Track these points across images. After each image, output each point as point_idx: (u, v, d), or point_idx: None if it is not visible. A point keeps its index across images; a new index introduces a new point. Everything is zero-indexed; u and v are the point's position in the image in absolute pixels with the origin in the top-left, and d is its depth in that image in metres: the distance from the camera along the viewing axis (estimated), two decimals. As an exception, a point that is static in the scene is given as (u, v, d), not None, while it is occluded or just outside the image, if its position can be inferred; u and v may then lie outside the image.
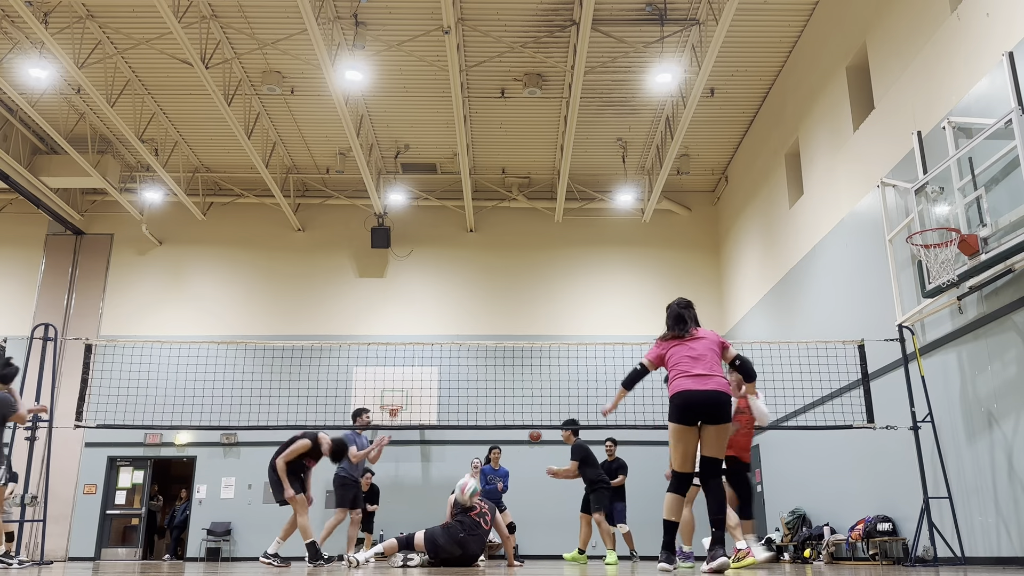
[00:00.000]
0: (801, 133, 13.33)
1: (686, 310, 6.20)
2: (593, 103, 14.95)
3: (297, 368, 16.83)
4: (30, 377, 11.22)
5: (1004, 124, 7.30)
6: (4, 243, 18.04)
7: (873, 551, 10.14)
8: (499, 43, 13.01)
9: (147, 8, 12.25)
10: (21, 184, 15.76)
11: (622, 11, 12.45)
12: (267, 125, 15.83)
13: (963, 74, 8.53)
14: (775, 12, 12.59)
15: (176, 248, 18.14)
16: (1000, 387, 7.95)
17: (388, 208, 18.10)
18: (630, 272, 18.06)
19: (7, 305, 17.62)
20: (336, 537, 13.23)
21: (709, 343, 6.03)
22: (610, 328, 17.37)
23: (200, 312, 17.68)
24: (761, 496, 15.09)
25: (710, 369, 5.87)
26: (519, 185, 18.12)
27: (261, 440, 16.69)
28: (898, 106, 9.99)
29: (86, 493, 16.58)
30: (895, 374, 9.93)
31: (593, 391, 15.14)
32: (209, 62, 12.69)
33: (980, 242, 7.67)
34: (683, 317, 6.17)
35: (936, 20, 9.11)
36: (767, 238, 15.01)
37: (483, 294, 17.89)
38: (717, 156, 17.20)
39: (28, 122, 15.66)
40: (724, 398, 5.81)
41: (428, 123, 15.77)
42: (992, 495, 8.05)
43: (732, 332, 17.07)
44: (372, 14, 12.53)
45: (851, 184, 11.44)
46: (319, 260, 18.13)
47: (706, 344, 6.01)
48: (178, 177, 16.86)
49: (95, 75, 13.64)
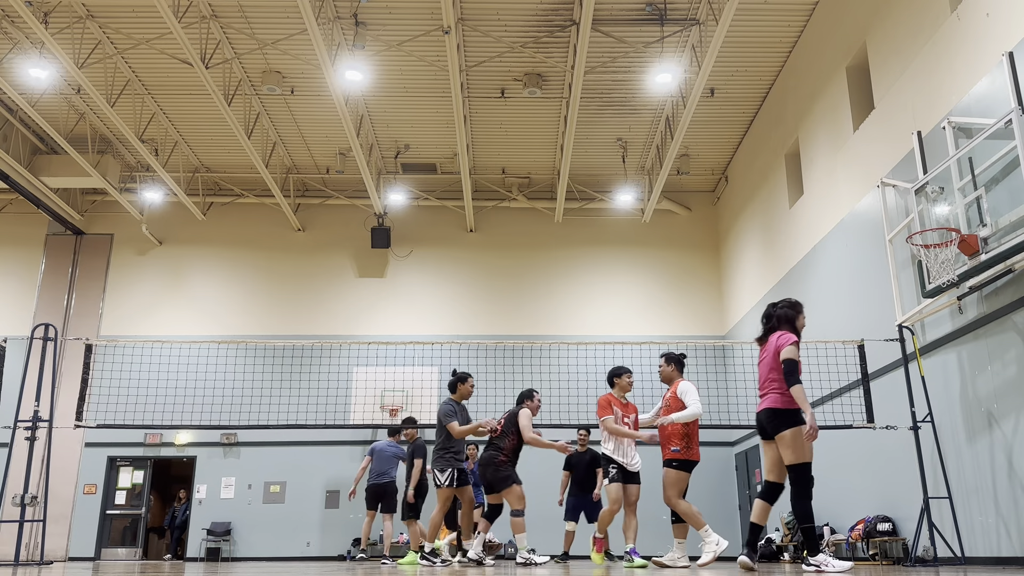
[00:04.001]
0: (801, 133, 13.33)
1: (768, 313, 6.45)
2: (593, 103, 14.95)
3: (297, 368, 16.84)
4: (30, 377, 11.22)
5: (1004, 124, 7.29)
6: (4, 243, 18.05)
7: (873, 551, 10.14)
8: (499, 43, 13.02)
9: (147, 8, 12.25)
10: (21, 184, 15.76)
11: (622, 11, 12.45)
12: (267, 125, 15.83)
13: (963, 74, 8.53)
14: (775, 12, 12.59)
15: (176, 248, 18.14)
16: (1000, 387, 7.95)
17: (388, 208, 18.10)
18: (630, 272, 18.07)
19: (7, 305, 17.62)
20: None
21: (768, 351, 6.24)
22: (610, 328, 17.38)
23: (200, 312, 17.69)
24: (761, 496, 15.07)
25: (763, 385, 6.24)
26: (519, 185, 18.12)
27: (261, 440, 16.71)
28: (898, 106, 9.99)
29: (86, 493, 16.58)
30: (895, 374, 9.93)
31: (593, 391, 15.14)
32: (209, 62, 12.69)
33: (980, 242, 7.67)
34: (764, 321, 6.46)
35: (936, 20, 9.11)
36: (767, 238, 15.01)
37: (483, 294, 17.90)
38: (717, 156, 17.20)
39: (28, 122, 15.66)
40: (771, 414, 6.11)
41: (428, 123, 15.77)
42: (992, 495, 8.05)
43: (732, 332, 17.08)
44: (372, 14, 12.53)
45: (851, 184, 11.44)
46: (319, 260, 18.14)
47: (767, 353, 6.26)
48: (178, 177, 16.87)
49: (95, 75, 13.64)
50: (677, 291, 17.97)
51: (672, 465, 7.40)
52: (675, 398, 7.52)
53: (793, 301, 6.47)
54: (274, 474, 16.63)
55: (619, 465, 7.77)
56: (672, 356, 7.81)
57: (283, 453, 16.60)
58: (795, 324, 6.37)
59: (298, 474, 16.45)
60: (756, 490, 15.37)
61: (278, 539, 16.17)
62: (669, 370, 7.75)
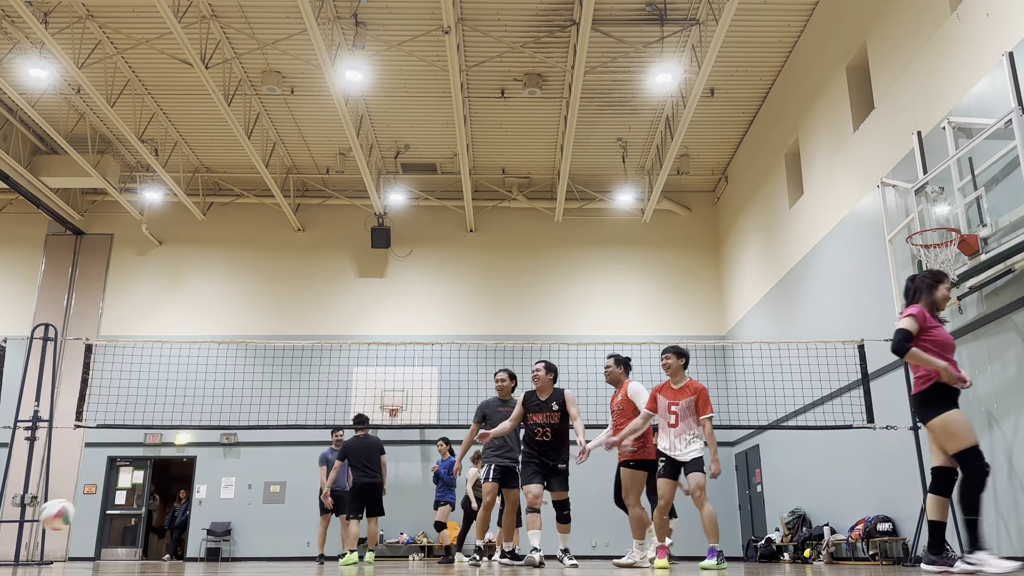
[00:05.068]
0: (801, 133, 13.33)
1: (906, 288, 5.80)
2: (593, 103, 14.95)
3: (297, 368, 16.83)
4: (30, 377, 11.22)
5: (1004, 124, 7.30)
6: (4, 243, 18.05)
7: (873, 551, 10.14)
8: (499, 43, 13.01)
9: (147, 8, 12.25)
10: (21, 184, 15.76)
11: (622, 11, 12.45)
12: (267, 125, 15.83)
13: (963, 74, 8.53)
14: (775, 12, 12.59)
15: (176, 248, 18.14)
16: (1000, 387, 7.95)
17: (388, 208, 18.10)
18: (630, 272, 18.06)
19: (7, 305, 17.62)
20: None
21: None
22: (610, 328, 17.36)
23: (200, 312, 17.68)
24: (761, 496, 15.08)
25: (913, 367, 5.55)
26: (519, 185, 18.12)
27: (261, 440, 16.71)
28: (898, 106, 9.99)
29: (86, 493, 16.58)
30: (895, 374, 9.93)
31: (593, 391, 15.13)
32: (209, 62, 12.69)
33: (980, 242, 7.67)
34: (905, 296, 5.81)
35: (936, 20, 9.11)
36: (767, 238, 15.01)
37: (483, 294, 17.90)
38: (717, 156, 17.20)
39: (28, 122, 15.66)
40: (914, 402, 5.56)
41: (428, 123, 15.77)
42: (992, 495, 8.05)
43: (732, 332, 17.07)
44: (372, 14, 12.53)
45: (851, 184, 11.44)
46: (319, 260, 18.14)
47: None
48: (178, 177, 16.86)
49: (95, 75, 13.64)
50: (677, 291, 17.97)
51: (629, 465, 7.31)
52: (627, 400, 7.38)
53: (935, 270, 5.78)
54: (274, 474, 16.63)
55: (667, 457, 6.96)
56: (620, 358, 7.66)
57: (283, 453, 16.59)
58: (933, 295, 5.63)
59: (298, 474, 16.44)
60: (756, 490, 15.36)
61: (278, 539, 16.16)
62: (619, 372, 7.62)
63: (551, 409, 7.65)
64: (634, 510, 7.30)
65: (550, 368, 7.78)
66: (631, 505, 7.32)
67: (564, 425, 7.66)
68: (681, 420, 6.90)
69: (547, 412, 7.64)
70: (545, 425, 7.62)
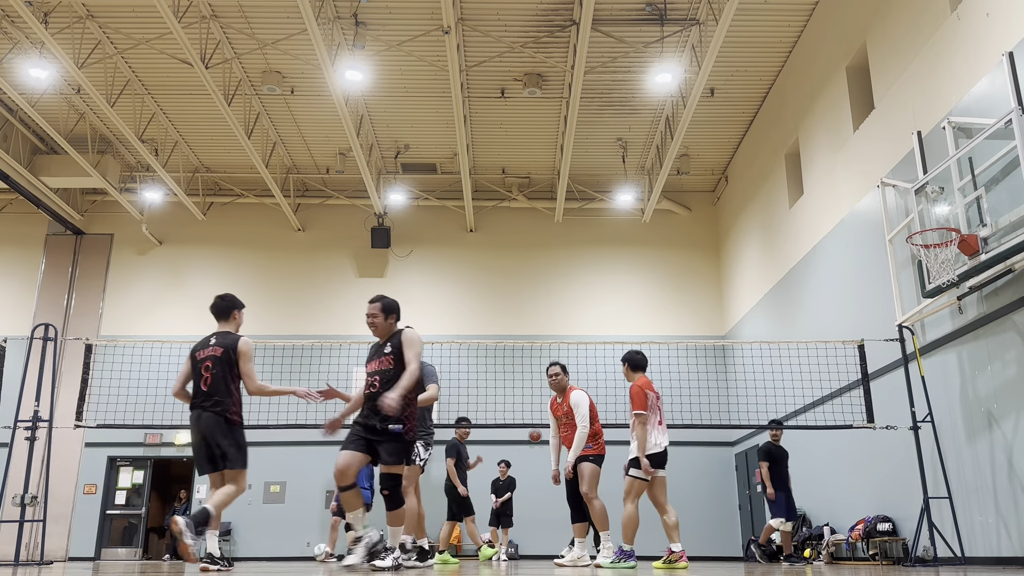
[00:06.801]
0: (801, 133, 13.33)
1: None
2: (593, 103, 14.95)
3: (297, 368, 16.82)
4: (30, 377, 11.23)
5: (1004, 124, 7.30)
6: (4, 243, 18.04)
7: (873, 551, 10.14)
8: (499, 43, 13.01)
9: (147, 8, 12.25)
10: (21, 184, 15.76)
11: (622, 11, 12.45)
12: (267, 125, 15.83)
13: (963, 74, 8.53)
14: (775, 12, 12.59)
15: (176, 248, 18.14)
16: (1000, 387, 7.95)
17: (388, 208, 18.10)
18: (630, 272, 18.06)
19: (7, 305, 17.62)
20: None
21: None
22: (610, 328, 17.36)
23: (200, 312, 17.59)
24: (761, 496, 15.06)
25: None
26: (519, 185, 18.12)
27: (261, 440, 16.68)
28: (898, 106, 9.99)
29: (86, 493, 16.58)
30: (895, 374, 9.93)
31: (593, 391, 15.10)
32: (209, 62, 12.69)
33: (980, 242, 7.67)
34: None
35: (936, 20, 9.11)
36: (767, 238, 15.01)
37: (483, 294, 17.90)
38: (717, 156, 17.20)
39: (28, 122, 15.66)
40: None
41: (428, 123, 15.77)
42: (992, 495, 8.05)
43: (732, 332, 17.07)
44: (372, 14, 12.53)
45: (851, 184, 11.44)
46: (319, 260, 18.13)
47: None
48: (178, 177, 16.86)
49: (95, 75, 13.64)
50: (677, 291, 17.97)
51: (588, 460, 7.59)
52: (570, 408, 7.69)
53: None
54: (274, 474, 16.63)
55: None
56: (564, 366, 7.89)
57: (283, 453, 16.59)
58: None
59: (298, 474, 16.44)
60: (756, 490, 15.36)
61: (278, 539, 16.16)
62: (565, 380, 7.85)
63: (383, 354, 6.26)
64: (597, 502, 7.55)
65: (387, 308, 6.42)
66: (594, 498, 7.55)
67: (399, 371, 6.10)
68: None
69: (380, 357, 6.29)
70: (374, 373, 6.17)
